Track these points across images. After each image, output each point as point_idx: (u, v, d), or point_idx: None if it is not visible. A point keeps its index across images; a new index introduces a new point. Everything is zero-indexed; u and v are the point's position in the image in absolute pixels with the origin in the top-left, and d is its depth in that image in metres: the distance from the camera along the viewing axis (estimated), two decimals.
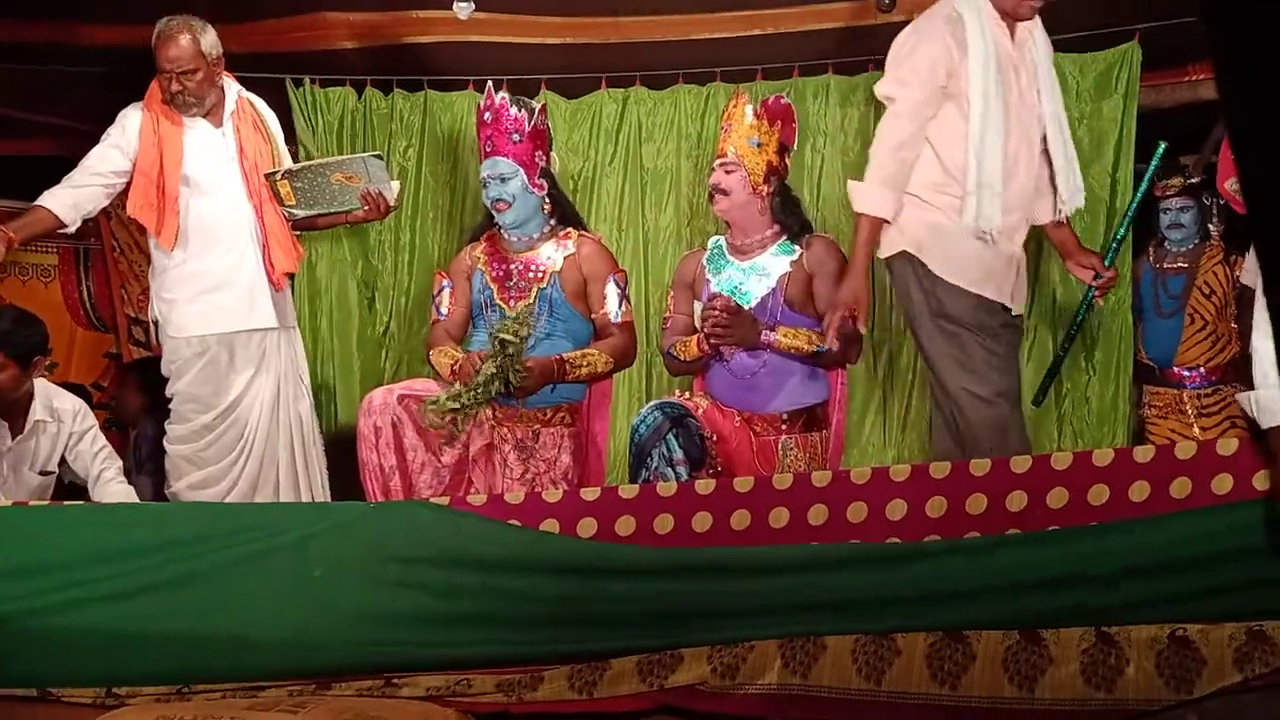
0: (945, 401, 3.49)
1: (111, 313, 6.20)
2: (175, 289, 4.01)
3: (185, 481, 4.03)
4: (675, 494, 2.88)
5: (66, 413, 4.36)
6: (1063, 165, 3.59)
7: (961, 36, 3.43)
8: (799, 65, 5.05)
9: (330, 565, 2.85)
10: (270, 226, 4.01)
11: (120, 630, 2.89)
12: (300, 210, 4.03)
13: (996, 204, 3.43)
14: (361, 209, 4.04)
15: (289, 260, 4.07)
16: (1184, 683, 2.45)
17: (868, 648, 2.61)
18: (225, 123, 4.04)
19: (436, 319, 4.05)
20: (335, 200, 4.03)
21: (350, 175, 3.98)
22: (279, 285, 4.06)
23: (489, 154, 3.93)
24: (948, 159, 3.47)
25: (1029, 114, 3.53)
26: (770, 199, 3.87)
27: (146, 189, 3.94)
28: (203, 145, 4.01)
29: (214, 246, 3.99)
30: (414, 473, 3.76)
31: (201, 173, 3.99)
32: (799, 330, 3.76)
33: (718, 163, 3.90)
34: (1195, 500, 2.66)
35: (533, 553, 2.84)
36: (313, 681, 2.82)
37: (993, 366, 3.45)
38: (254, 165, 4.02)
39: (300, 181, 3.99)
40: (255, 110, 4.13)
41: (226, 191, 4.01)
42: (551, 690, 2.73)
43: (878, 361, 5.02)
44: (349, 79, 5.23)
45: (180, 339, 4.00)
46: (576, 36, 5.06)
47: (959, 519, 2.74)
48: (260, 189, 4.00)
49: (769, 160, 3.85)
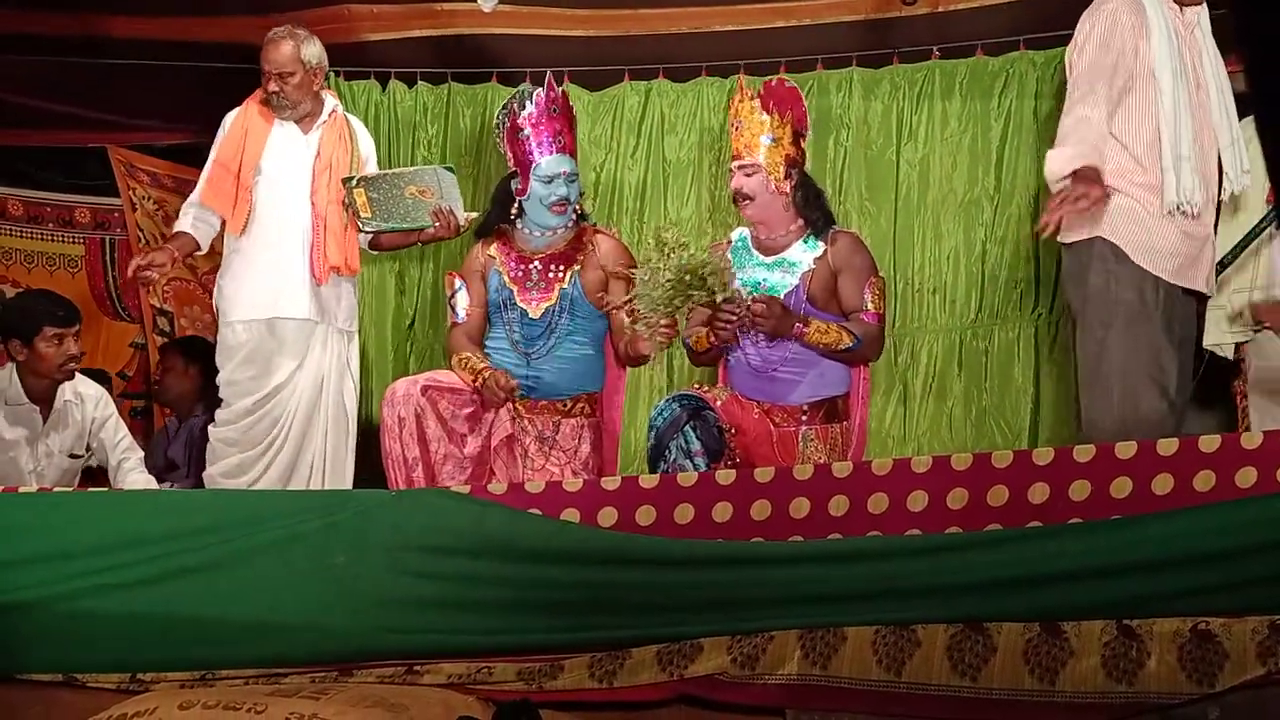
0: (1104, 395, 3.44)
1: (137, 303, 6.23)
2: (231, 275, 4.18)
3: (219, 467, 4.12)
4: (695, 484, 2.88)
5: (90, 397, 4.43)
6: (1229, 145, 3.60)
7: (1142, 17, 3.50)
8: (822, 58, 5.03)
9: (352, 553, 2.88)
10: (331, 224, 4.11)
11: (145, 616, 2.93)
12: (375, 223, 4.10)
13: (1196, 177, 3.46)
14: (433, 226, 4.07)
15: (339, 256, 4.13)
16: (1206, 676, 2.44)
17: (888, 639, 2.61)
18: (314, 131, 4.20)
19: (455, 322, 4.04)
20: (409, 216, 4.06)
21: (423, 189, 4.02)
22: (320, 279, 4.12)
23: (556, 150, 3.92)
24: (1138, 145, 3.49)
25: (1200, 94, 3.57)
26: (793, 193, 3.85)
27: (223, 178, 4.13)
28: (285, 145, 4.18)
29: (270, 238, 4.13)
30: (436, 463, 3.77)
31: (275, 168, 4.15)
32: (830, 325, 3.76)
33: (735, 165, 3.86)
34: (1219, 494, 2.65)
35: (553, 542, 2.85)
36: (335, 668, 2.84)
37: (1172, 360, 3.45)
38: (327, 167, 4.14)
39: (375, 192, 4.04)
40: (348, 126, 4.27)
41: (293, 189, 4.14)
42: (572, 679, 2.75)
43: (898, 355, 5.01)
44: (373, 72, 5.25)
45: (232, 323, 4.15)
46: (600, 29, 5.06)
47: (980, 511, 2.73)
48: (327, 191, 4.11)
49: (786, 154, 3.84)
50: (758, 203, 3.83)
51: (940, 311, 4.98)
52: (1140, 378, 3.40)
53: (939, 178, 4.99)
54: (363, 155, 4.27)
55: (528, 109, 3.95)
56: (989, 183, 4.95)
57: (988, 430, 4.89)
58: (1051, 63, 4.87)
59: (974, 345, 4.95)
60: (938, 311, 4.99)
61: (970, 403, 4.93)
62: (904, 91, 5.01)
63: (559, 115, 3.95)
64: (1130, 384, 3.39)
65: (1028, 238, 4.92)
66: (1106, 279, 3.47)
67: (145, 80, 5.16)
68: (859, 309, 3.80)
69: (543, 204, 3.94)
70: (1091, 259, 3.50)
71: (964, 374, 4.94)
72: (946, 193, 4.99)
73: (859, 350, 3.77)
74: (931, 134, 5.00)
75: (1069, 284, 3.70)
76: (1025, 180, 4.92)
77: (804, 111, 3.95)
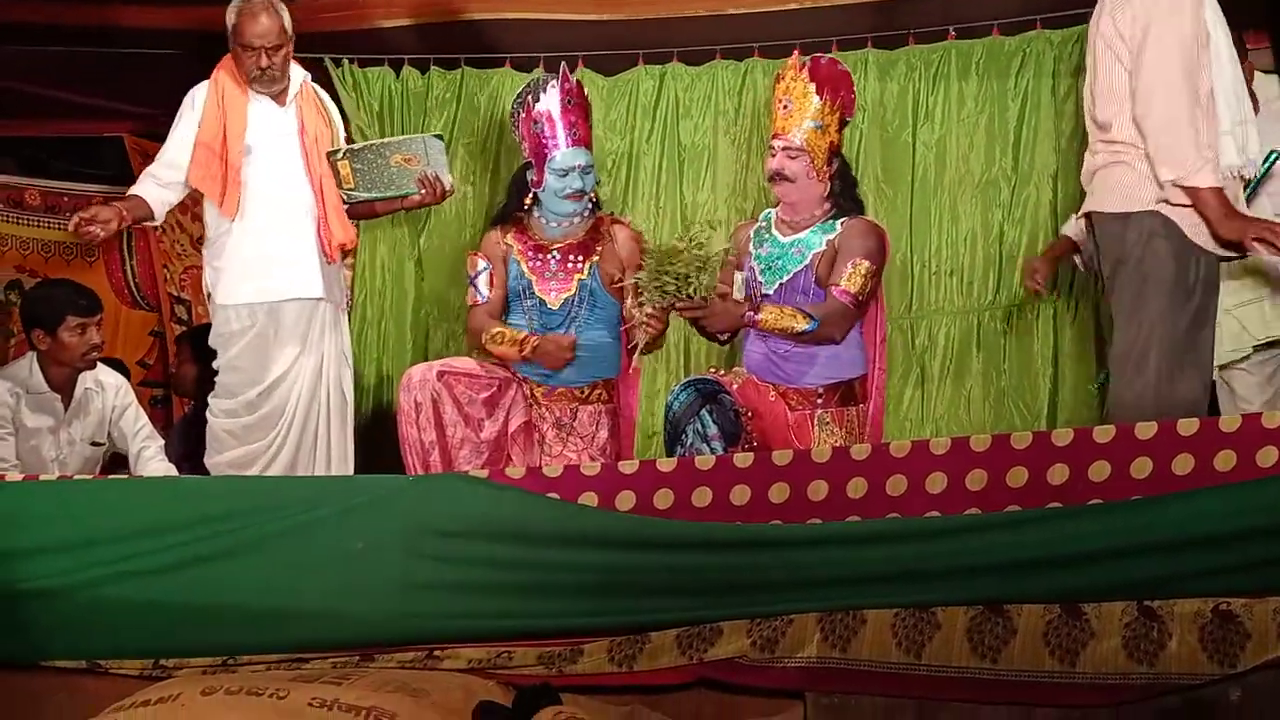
0: (1140, 373, 3.29)
1: (155, 291, 6.26)
2: (226, 258, 4.04)
3: (225, 458, 4.04)
4: (714, 467, 2.88)
5: (110, 386, 4.45)
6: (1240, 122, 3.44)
7: None
8: (837, 39, 5.01)
9: (371, 538, 2.88)
10: (330, 200, 4.03)
11: (167, 603, 2.95)
12: (359, 192, 4.03)
13: (1255, 134, 3.34)
14: (419, 193, 4.02)
15: (345, 233, 4.09)
16: (1227, 656, 2.44)
17: (907, 621, 2.61)
18: (289, 103, 4.09)
19: (477, 302, 4.02)
20: (393, 184, 4.01)
21: (409, 157, 3.96)
22: (332, 257, 4.07)
23: (571, 143, 3.90)
24: None
25: None
26: (831, 181, 3.82)
27: (209, 160, 3.99)
28: (266, 119, 4.05)
29: (269, 218, 4.02)
30: (453, 448, 3.77)
31: (262, 145, 4.02)
32: (784, 309, 3.71)
33: (779, 144, 3.77)
34: (1240, 474, 2.63)
35: (571, 526, 2.85)
36: (356, 653, 2.85)
37: (1209, 342, 3.34)
38: (315, 141, 4.05)
39: (360, 162, 3.99)
40: (318, 95, 4.18)
41: (285, 165, 4.04)
42: (591, 663, 2.76)
43: (916, 338, 4.99)
44: (386, 58, 5.24)
45: (230, 308, 4.03)
46: (613, 13, 5.05)
47: (999, 492, 2.72)
48: (319, 165, 4.03)
49: (831, 141, 3.79)
50: (797, 186, 3.79)
51: (958, 293, 4.97)
52: (1183, 359, 3.27)
53: (956, 159, 4.97)
54: (337, 125, 4.19)
55: (542, 101, 3.93)
56: (1006, 163, 4.93)
57: (1006, 412, 4.88)
58: (1068, 42, 4.84)
59: (992, 327, 4.94)
60: (955, 293, 4.97)
61: (988, 384, 4.92)
62: (920, 73, 4.99)
63: (574, 107, 3.94)
64: (1170, 365, 3.26)
65: (1046, 218, 4.90)
66: (1161, 253, 3.28)
67: (159, 69, 5.17)
68: (834, 284, 3.73)
69: (558, 195, 3.93)
70: (1147, 232, 3.30)
71: (982, 356, 4.93)
72: (963, 174, 4.97)
73: (819, 330, 3.68)
74: (948, 115, 4.98)
75: (1114, 253, 3.39)
76: (1043, 161, 4.90)
77: (853, 98, 3.88)
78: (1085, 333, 4.86)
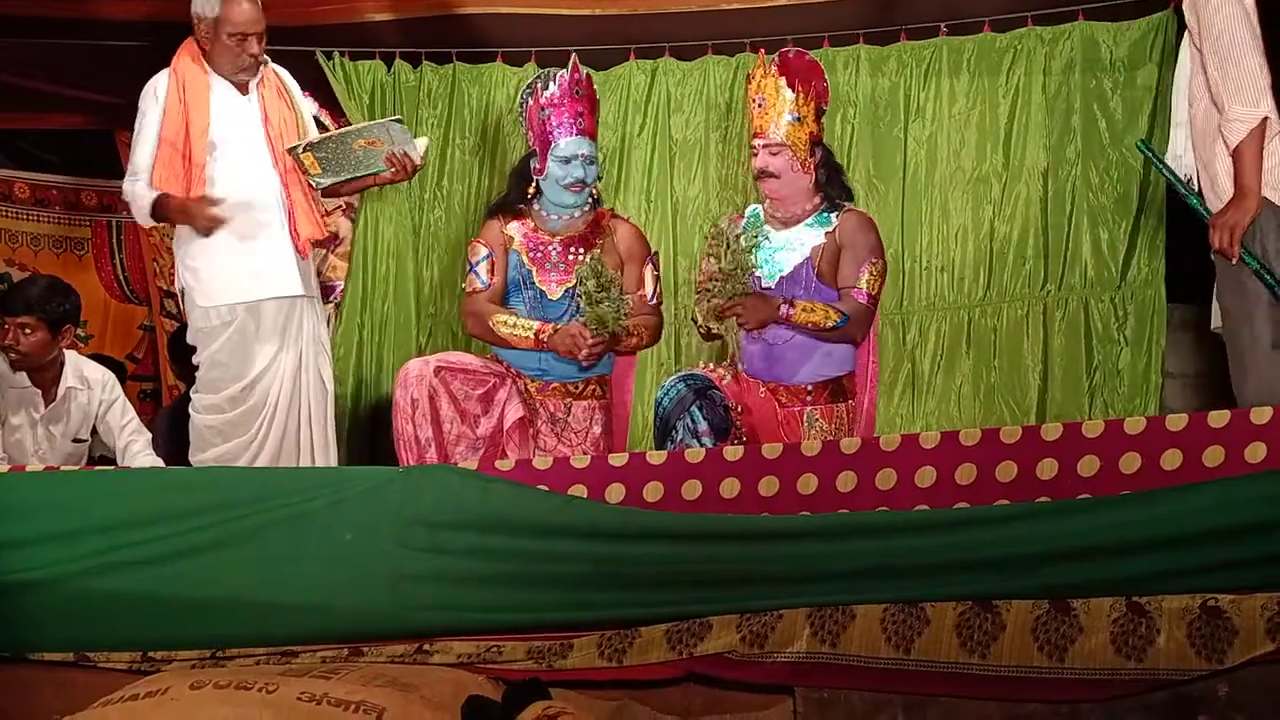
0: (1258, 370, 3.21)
1: (145, 285, 6.25)
2: (201, 256, 3.95)
3: (209, 455, 3.98)
4: (704, 460, 2.88)
5: (96, 381, 4.43)
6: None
7: None
8: (829, 35, 5.02)
9: (360, 530, 2.87)
10: (295, 195, 3.98)
11: (155, 595, 2.93)
12: (327, 178, 3.97)
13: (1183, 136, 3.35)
14: (388, 170, 3.96)
15: (314, 228, 4.04)
16: (1216, 652, 2.44)
17: (897, 616, 2.61)
18: (251, 91, 4.00)
19: (477, 288, 3.98)
20: (360, 165, 3.96)
21: (373, 140, 3.93)
22: (304, 253, 4.03)
23: (576, 132, 3.88)
24: None
25: None
26: (816, 171, 3.82)
27: (171, 158, 3.88)
28: (229, 111, 3.96)
29: (241, 214, 3.92)
30: (449, 444, 3.76)
31: (227, 139, 3.94)
32: (815, 304, 3.73)
33: (759, 144, 3.79)
34: (1228, 469, 2.64)
35: (561, 518, 2.85)
36: (345, 646, 2.85)
37: None
38: (279, 134, 3.98)
39: (323, 152, 3.93)
40: (281, 81, 4.08)
41: (252, 159, 3.96)
42: (581, 658, 2.75)
43: (906, 334, 5.00)
44: (378, 52, 5.23)
45: (208, 307, 3.96)
46: (605, 8, 5.05)
47: (989, 486, 2.73)
48: (286, 157, 3.97)
49: (810, 131, 3.79)
50: (783, 181, 3.79)
51: (948, 290, 4.98)
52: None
53: (947, 155, 4.98)
54: (301, 109, 4.10)
55: (551, 89, 3.92)
56: (997, 160, 4.94)
57: (996, 408, 4.89)
58: (1059, 39, 4.86)
59: (982, 323, 4.95)
60: (946, 290, 4.98)
61: (979, 381, 4.94)
62: (911, 69, 5.00)
63: (581, 97, 3.93)
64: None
65: (1036, 215, 4.91)
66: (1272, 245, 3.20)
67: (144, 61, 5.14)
68: (852, 286, 3.76)
69: (559, 184, 3.92)
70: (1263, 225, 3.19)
71: (972, 352, 4.94)
72: (955, 170, 4.98)
73: (845, 328, 3.71)
74: (939, 111, 4.99)
75: None
76: (1034, 157, 4.91)
77: (826, 86, 3.88)
78: (1076, 330, 4.88)
